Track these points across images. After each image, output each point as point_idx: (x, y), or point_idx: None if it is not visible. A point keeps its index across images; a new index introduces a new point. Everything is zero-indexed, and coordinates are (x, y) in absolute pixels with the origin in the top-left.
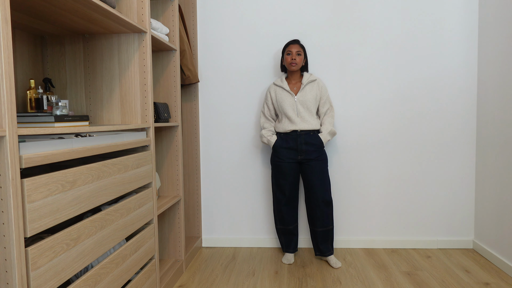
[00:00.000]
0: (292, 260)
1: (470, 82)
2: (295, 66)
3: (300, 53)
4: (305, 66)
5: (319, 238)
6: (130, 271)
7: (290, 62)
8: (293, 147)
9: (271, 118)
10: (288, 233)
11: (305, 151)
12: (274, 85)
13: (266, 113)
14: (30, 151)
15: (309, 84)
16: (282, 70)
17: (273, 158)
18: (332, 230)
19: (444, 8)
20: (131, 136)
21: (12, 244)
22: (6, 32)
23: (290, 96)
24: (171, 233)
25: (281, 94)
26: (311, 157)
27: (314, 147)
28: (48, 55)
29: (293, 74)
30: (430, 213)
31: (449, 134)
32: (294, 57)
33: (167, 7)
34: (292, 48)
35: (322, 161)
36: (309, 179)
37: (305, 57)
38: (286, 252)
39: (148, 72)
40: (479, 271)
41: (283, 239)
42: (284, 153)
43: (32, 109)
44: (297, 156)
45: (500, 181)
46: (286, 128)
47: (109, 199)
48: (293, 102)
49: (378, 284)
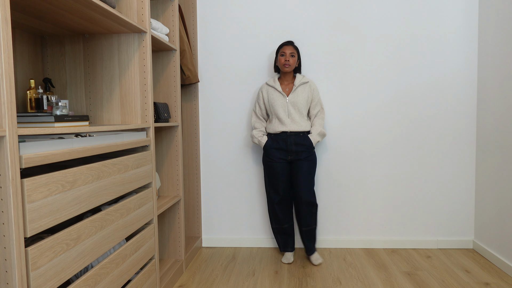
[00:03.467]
0: (291, 259)
1: (470, 84)
2: (289, 68)
3: (293, 54)
4: (298, 68)
5: (303, 236)
6: (130, 271)
7: (284, 63)
8: (283, 147)
9: (262, 117)
10: (283, 233)
11: (295, 152)
12: (266, 85)
13: (258, 113)
14: (30, 151)
15: (301, 85)
16: (276, 70)
17: (264, 158)
18: (314, 230)
19: (444, 12)
20: (131, 136)
21: (12, 244)
22: (6, 32)
23: (282, 97)
24: (171, 233)
25: (273, 94)
26: (300, 157)
27: (304, 147)
28: (48, 55)
29: (286, 75)
30: (430, 213)
31: (449, 134)
32: (288, 58)
33: (167, 7)
34: (286, 49)
35: (311, 162)
36: (295, 178)
37: (298, 59)
38: (284, 251)
39: (148, 72)
40: (479, 271)
41: (280, 239)
42: (275, 153)
43: (32, 109)
44: (287, 157)
45: (500, 181)
46: (276, 129)
47: (109, 199)
48: (285, 103)
49: (378, 284)
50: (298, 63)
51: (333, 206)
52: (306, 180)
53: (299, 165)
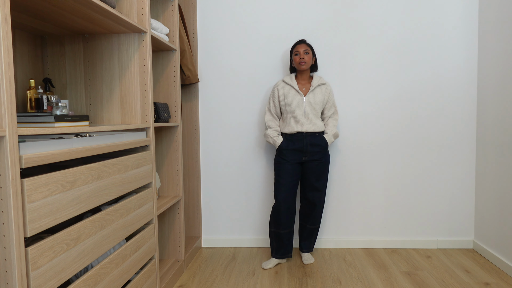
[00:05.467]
0: (271, 265)
1: (470, 83)
2: (305, 65)
3: (307, 51)
4: (315, 65)
5: (306, 234)
6: (130, 271)
7: (299, 61)
8: (299, 148)
9: (276, 115)
10: (279, 239)
11: (310, 152)
12: (282, 82)
13: (272, 110)
14: (30, 151)
15: (318, 86)
16: (292, 71)
17: (277, 159)
18: (318, 229)
19: (444, 11)
20: (131, 136)
21: (12, 244)
22: (6, 32)
23: (299, 96)
24: (171, 233)
25: (290, 92)
26: (314, 158)
27: (319, 148)
28: (48, 55)
29: (302, 74)
30: (430, 213)
31: (449, 134)
32: (303, 56)
33: (167, 7)
34: (299, 48)
35: (324, 163)
36: (308, 178)
37: (313, 56)
38: (273, 257)
39: (148, 72)
40: (479, 271)
41: (274, 244)
42: (289, 154)
43: (32, 109)
44: (301, 157)
45: (500, 181)
46: (292, 129)
47: (109, 199)
48: (302, 103)
49: (378, 284)
50: (314, 60)
51: (333, 206)
52: (320, 180)
53: (313, 166)
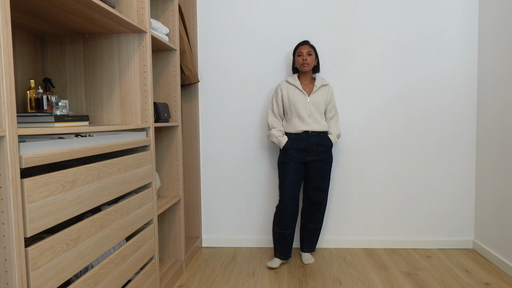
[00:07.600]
0: (276, 265)
1: (470, 83)
2: (307, 66)
3: (310, 53)
4: (317, 67)
5: (308, 233)
6: (130, 271)
7: (302, 63)
8: (304, 148)
9: (279, 116)
10: (283, 240)
11: (315, 152)
12: (286, 83)
13: (275, 111)
14: (30, 151)
15: (322, 87)
16: (294, 72)
17: (281, 158)
18: (320, 229)
19: (444, 11)
20: (131, 136)
21: (12, 244)
22: (6, 32)
23: (303, 96)
24: (171, 233)
25: (294, 92)
26: (319, 158)
27: (324, 148)
28: (48, 55)
29: (305, 74)
30: (430, 213)
31: (449, 134)
32: (305, 58)
33: (167, 7)
34: (302, 49)
35: (328, 163)
36: (312, 178)
37: (316, 57)
38: (277, 257)
39: (148, 72)
40: (479, 271)
41: (278, 244)
42: (294, 154)
43: (32, 109)
44: (306, 157)
45: (500, 181)
46: (297, 128)
47: (109, 199)
48: (306, 102)
49: (378, 284)
50: (316, 61)
51: (333, 206)
52: (324, 180)
53: (316, 166)
